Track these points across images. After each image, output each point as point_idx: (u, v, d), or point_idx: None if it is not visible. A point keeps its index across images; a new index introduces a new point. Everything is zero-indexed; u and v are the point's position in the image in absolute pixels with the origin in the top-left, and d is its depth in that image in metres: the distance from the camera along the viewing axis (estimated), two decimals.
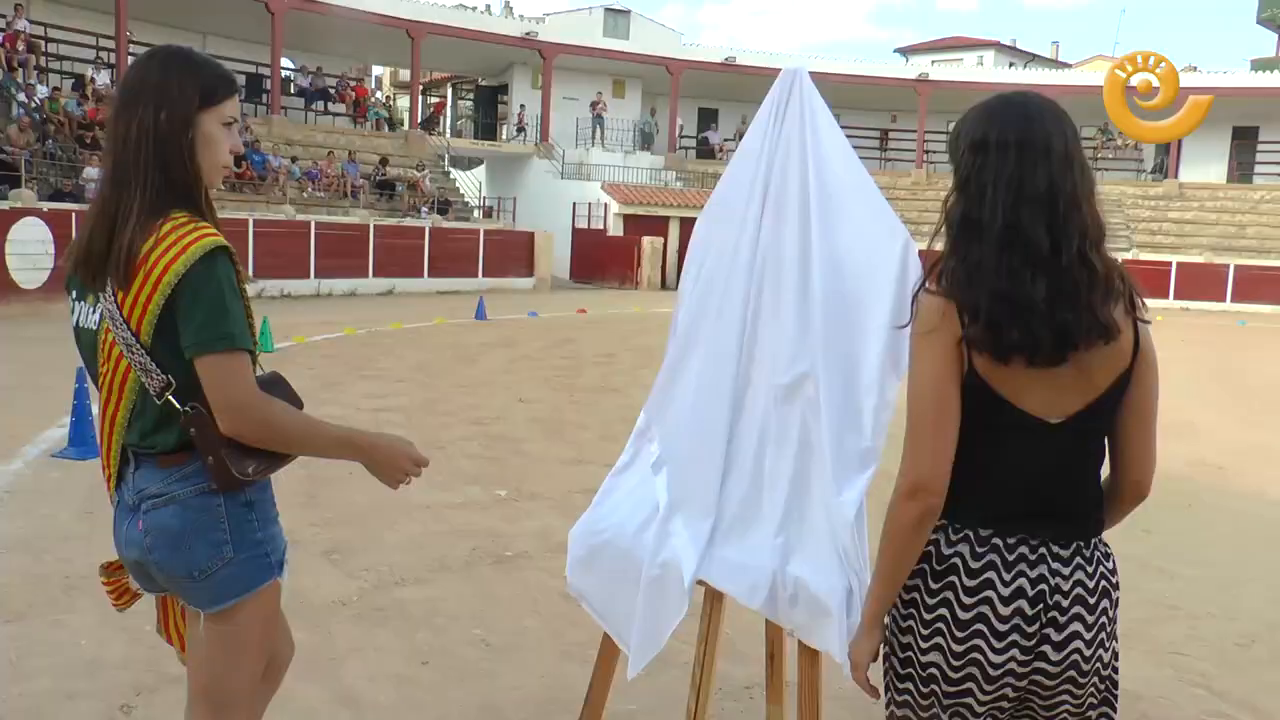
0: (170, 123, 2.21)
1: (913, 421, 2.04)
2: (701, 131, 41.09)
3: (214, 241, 2.19)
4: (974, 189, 2.04)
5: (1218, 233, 36.46)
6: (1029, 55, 58.82)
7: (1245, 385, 15.39)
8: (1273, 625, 5.40)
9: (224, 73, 2.34)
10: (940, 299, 2.02)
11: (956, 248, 2.05)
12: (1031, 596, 2.03)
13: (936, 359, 2.01)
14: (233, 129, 2.32)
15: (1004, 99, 2.10)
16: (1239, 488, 8.69)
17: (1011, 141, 2.01)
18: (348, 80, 33.46)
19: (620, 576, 2.85)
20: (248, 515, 2.31)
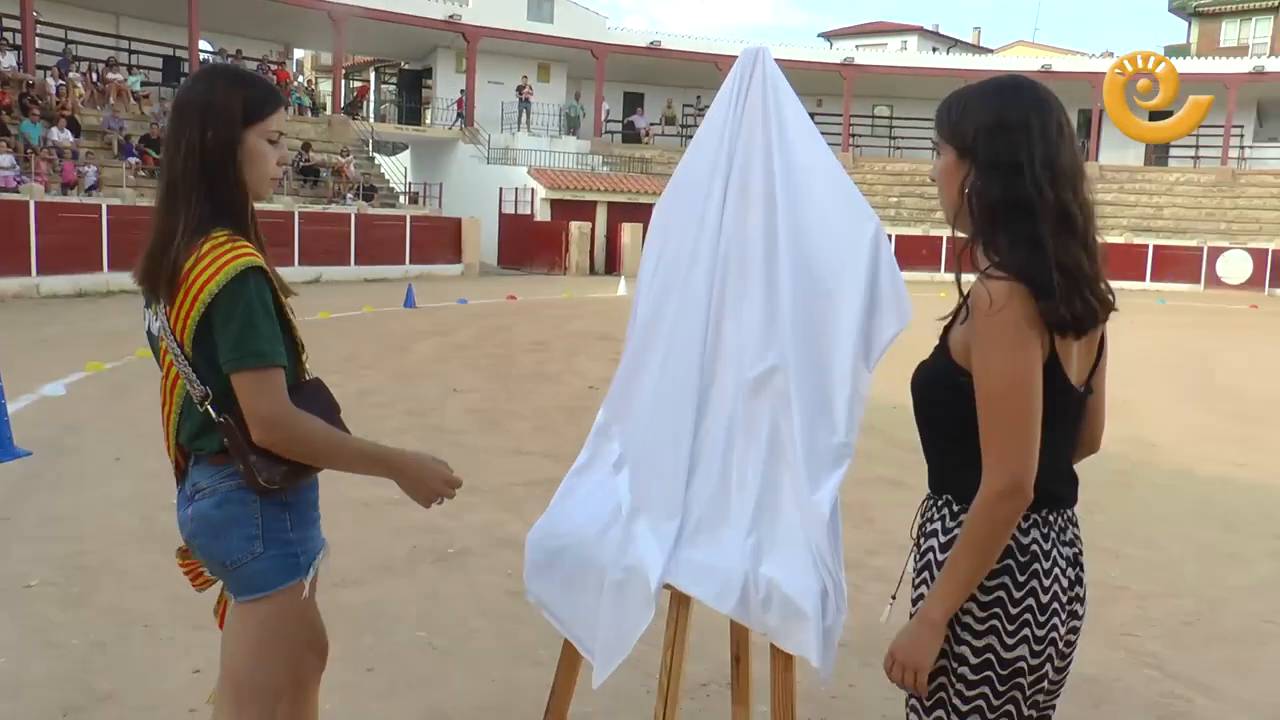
0: (216, 141, 2.30)
1: (1005, 416, 1.98)
2: (627, 116, 40.92)
3: (247, 262, 2.27)
4: (1006, 169, 2.04)
5: (1136, 214, 37.22)
6: (951, 40, 59.47)
7: (1172, 363, 15.67)
8: (1213, 602, 5.45)
9: (267, 88, 2.42)
10: (1007, 282, 1.98)
11: (1005, 228, 2.05)
12: (1073, 562, 2.15)
13: (1024, 346, 1.97)
14: (280, 142, 2.41)
15: (1006, 81, 2.13)
16: (1171, 464, 8.80)
17: (1035, 122, 2.05)
18: (268, 64, 32.71)
19: (582, 582, 2.73)
20: (280, 515, 2.40)
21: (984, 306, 1.97)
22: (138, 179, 24.00)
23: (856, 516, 6.66)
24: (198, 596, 4.88)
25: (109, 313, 17.30)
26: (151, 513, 6.25)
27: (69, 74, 25.43)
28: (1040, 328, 1.98)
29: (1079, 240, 2.04)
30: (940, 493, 2.18)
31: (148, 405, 9.65)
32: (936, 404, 2.15)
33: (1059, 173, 2.04)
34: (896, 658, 2.09)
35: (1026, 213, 2.02)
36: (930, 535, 2.17)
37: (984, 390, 1.99)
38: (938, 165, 2.19)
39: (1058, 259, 1.99)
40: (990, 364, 1.98)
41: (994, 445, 1.99)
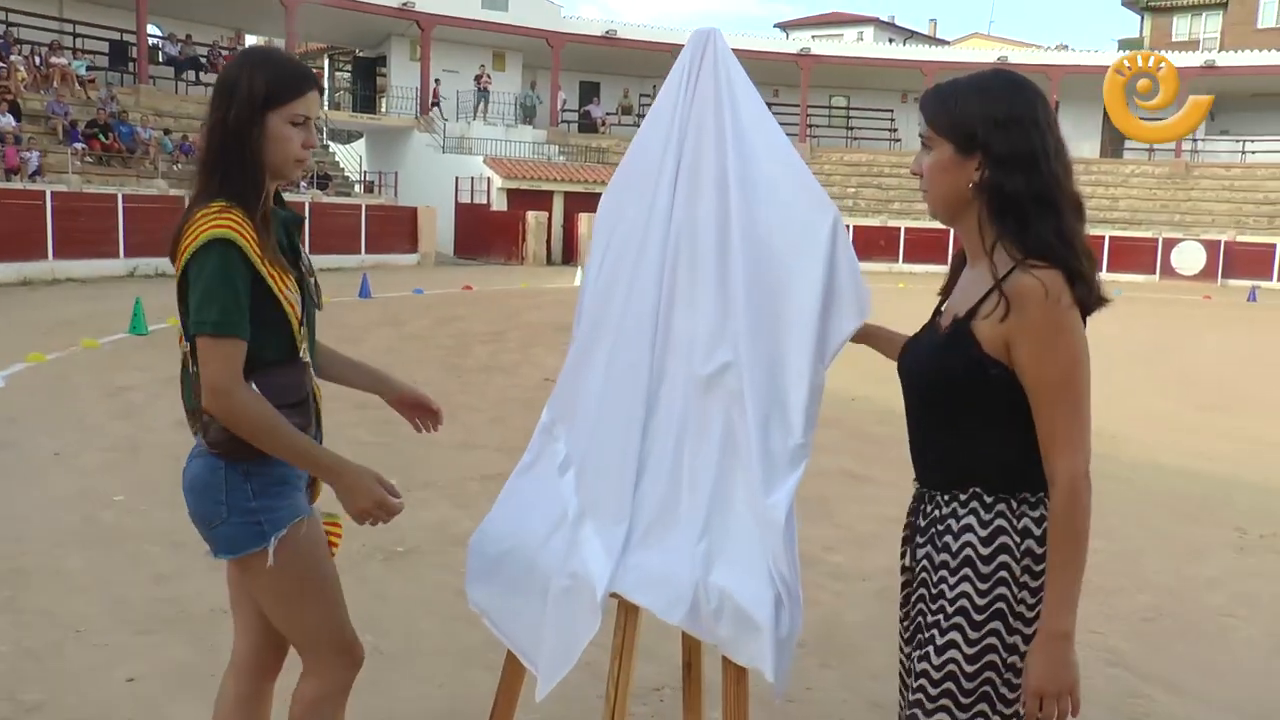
0: (237, 122, 2.37)
1: (1071, 402, 2.02)
2: (584, 105, 40.66)
3: (220, 233, 2.32)
4: (1024, 162, 2.06)
5: (1093, 205, 37.36)
6: (908, 32, 59.69)
7: (1129, 353, 15.73)
8: (1175, 593, 5.42)
9: (295, 72, 2.45)
10: (1052, 270, 2.02)
11: (1034, 219, 2.06)
12: None
13: (1080, 331, 2.03)
14: (307, 125, 2.45)
15: (1003, 76, 2.14)
16: (1131, 455, 8.78)
17: (1042, 115, 2.09)
18: (219, 49, 32.19)
19: (526, 589, 2.58)
20: (242, 484, 2.43)
21: (1039, 297, 1.99)
22: (84, 165, 23.51)
23: (815, 511, 6.56)
24: (139, 600, 4.75)
25: (53, 301, 16.93)
26: (93, 511, 6.04)
27: (10, 57, 24.86)
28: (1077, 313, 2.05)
29: (1083, 228, 2.11)
30: (964, 486, 2.13)
31: (90, 398, 9.46)
32: (963, 397, 2.10)
33: (1067, 165, 2.10)
34: (1045, 690, 2.01)
35: (1049, 204, 2.06)
36: (963, 532, 2.11)
37: (1048, 379, 2.01)
38: (927, 160, 2.16)
39: (1084, 247, 2.06)
40: (1056, 352, 2.00)
41: (1063, 432, 2.01)
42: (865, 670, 4.34)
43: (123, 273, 21.86)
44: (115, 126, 25.00)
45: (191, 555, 5.32)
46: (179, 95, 29.91)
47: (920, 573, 2.21)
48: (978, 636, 2.08)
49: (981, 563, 2.08)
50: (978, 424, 2.10)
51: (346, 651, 2.67)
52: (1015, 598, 2.06)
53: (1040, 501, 2.09)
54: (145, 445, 7.67)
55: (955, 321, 2.11)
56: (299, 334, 2.48)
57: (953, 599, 2.10)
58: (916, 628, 2.22)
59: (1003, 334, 2.03)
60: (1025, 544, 2.07)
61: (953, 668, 2.09)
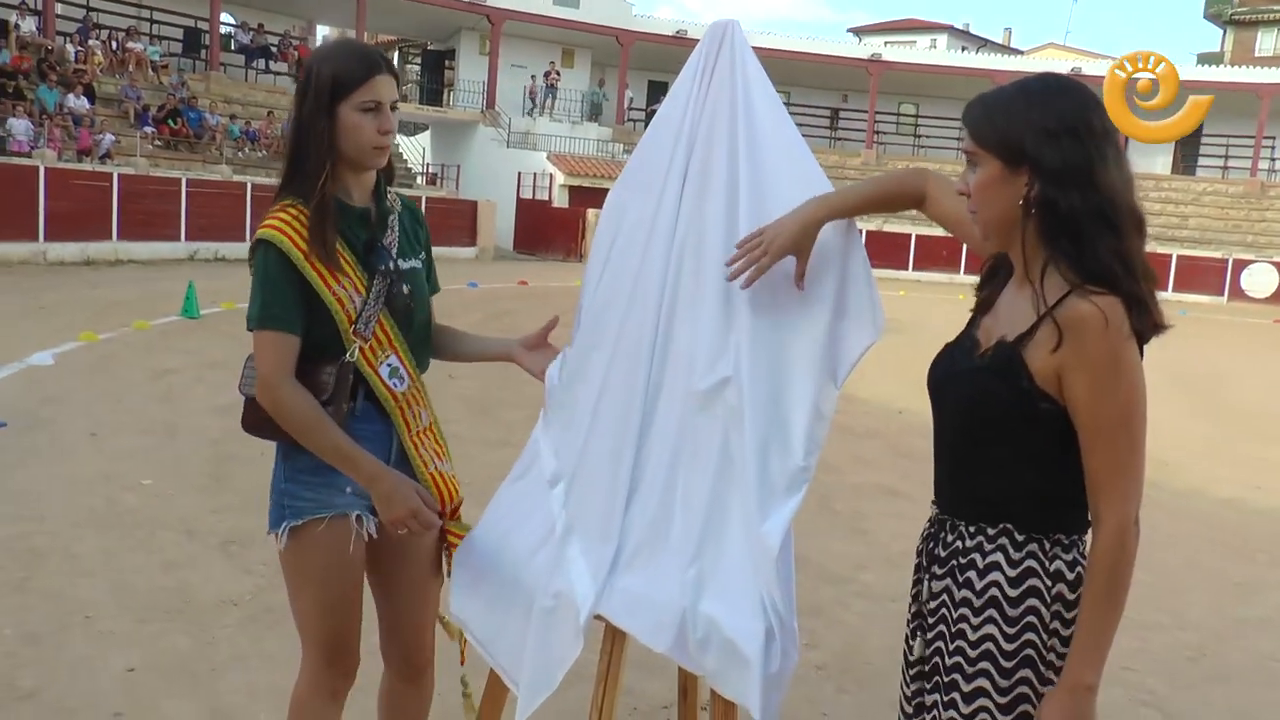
0: (311, 116, 2.41)
1: (1128, 444, 1.86)
2: (650, 104, 40.49)
3: (262, 233, 2.39)
4: (1078, 176, 1.86)
5: (1161, 223, 36.66)
6: (981, 40, 58.91)
7: (1188, 375, 15.30)
8: (1220, 635, 5.17)
9: (360, 59, 2.43)
10: (1111, 297, 1.84)
11: (1089, 240, 1.87)
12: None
13: (1139, 367, 1.86)
14: (380, 110, 2.43)
15: (1050, 81, 1.94)
16: (1182, 484, 8.48)
17: (1096, 123, 1.89)
18: (290, 39, 32.55)
19: (509, 605, 2.46)
20: (281, 465, 2.54)
21: (1098, 327, 1.82)
22: (153, 149, 23.83)
23: (849, 527, 6.39)
24: (146, 587, 4.70)
25: (113, 281, 17.15)
26: (116, 493, 6.02)
27: (88, 41, 25.29)
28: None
29: (1144, 246, 1.92)
30: (994, 521, 1.98)
31: (135, 379, 9.51)
32: (1005, 428, 1.94)
33: (1127, 176, 1.91)
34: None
35: (1108, 221, 1.87)
36: (989, 569, 1.97)
37: (1104, 417, 1.85)
38: (974, 177, 1.96)
39: (1144, 267, 1.88)
40: (1114, 389, 1.84)
41: (1116, 474, 1.86)
42: (885, 699, 4.16)
43: (183, 256, 22.13)
44: (184, 112, 25.33)
45: (203, 544, 5.29)
46: (248, 83, 30.28)
47: (939, 609, 2.06)
48: (1008, 685, 1.94)
49: (1009, 604, 1.94)
50: (1017, 457, 1.94)
51: (336, 658, 2.63)
52: (1045, 644, 1.93)
53: (1075, 544, 1.96)
54: (182, 430, 7.68)
55: (1003, 346, 1.94)
56: (346, 333, 2.44)
57: (975, 641, 1.97)
58: (934, 668, 2.07)
59: (1055, 365, 1.86)
60: (1056, 588, 1.93)
61: (985, 717, 1.96)
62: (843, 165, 38.26)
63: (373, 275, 2.48)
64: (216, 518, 5.71)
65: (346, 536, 2.52)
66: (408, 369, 2.57)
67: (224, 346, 11.42)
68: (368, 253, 2.50)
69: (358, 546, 2.54)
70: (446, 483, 2.68)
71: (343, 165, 2.46)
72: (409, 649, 2.80)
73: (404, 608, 2.76)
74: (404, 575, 2.71)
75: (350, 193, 2.51)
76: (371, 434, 2.52)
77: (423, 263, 2.67)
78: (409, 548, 2.66)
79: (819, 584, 5.28)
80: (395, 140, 2.56)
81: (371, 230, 2.52)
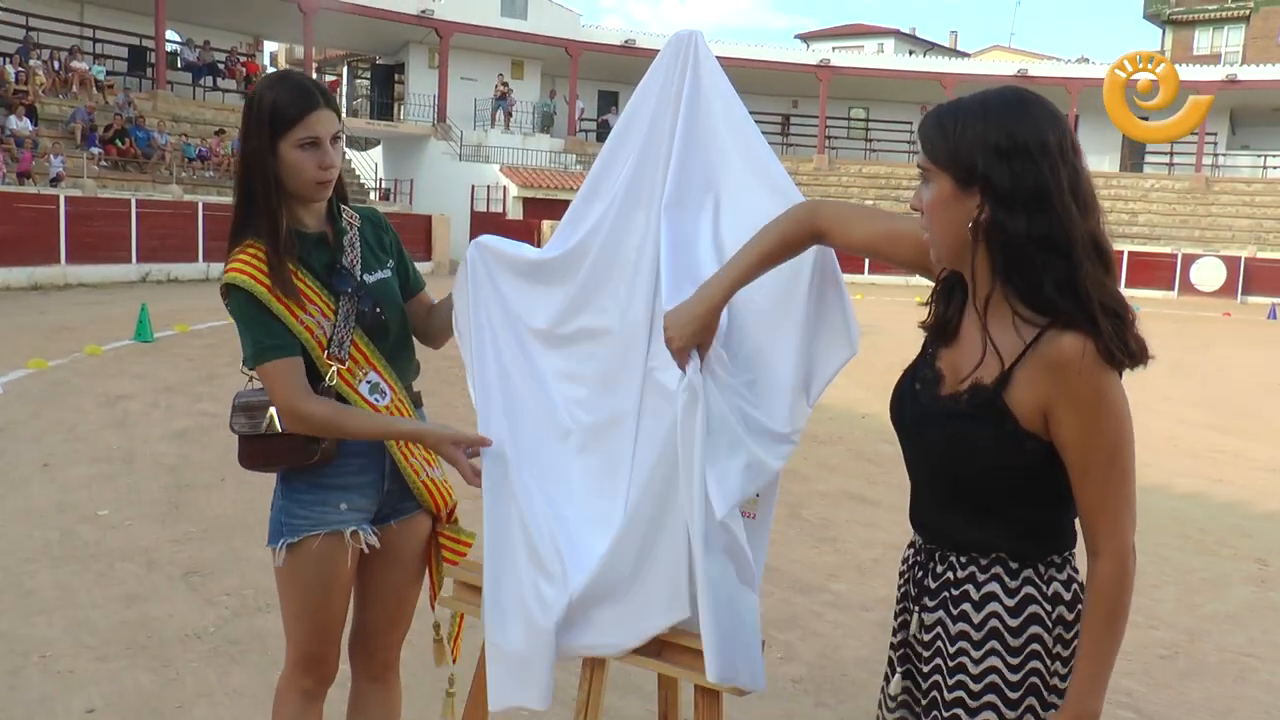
0: (255, 155, 2.46)
1: (1121, 474, 1.81)
2: (602, 114, 40.54)
3: (228, 278, 2.45)
4: (1029, 198, 1.77)
5: (1112, 219, 36.65)
6: (928, 44, 59.45)
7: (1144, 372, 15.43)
8: (1192, 633, 5.18)
9: (296, 95, 2.45)
10: (1084, 332, 1.78)
11: (1042, 268, 1.77)
12: None
13: (1122, 391, 1.82)
14: (319, 145, 2.46)
15: (1009, 95, 1.84)
16: (1143, 480, 8.47)
17: (1054, 141, 1.79)
18: (238, 55, 32.24)
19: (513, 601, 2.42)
20: (280, 487, 2.64)
21: (1077, 361, 1.76)
22: (100, 170, 23.49)
23: (818, 535, 6.36)
24: (105, 623, 4.57)
25: (62, 306, 16.85)
26: (71, 525, 5.87)
27: (29, 62, 24.88)
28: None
29: (1112, 276, 1.82)
30: (985, 552, 1.92)
31: (88, 406, 9.32)
32: (995, 473, 1.88)
33: (1082, 202, 1.78)
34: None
35: (1060, 250, 1.76)
36: (986, 600, 1.91)
37: (1095, 453, 1.80)
38: (925, 194, 1.87)
39: (1101, 300, 1.77)
40: (1101, 423, 1.79)
41: (1112, 505, 1.82)
42: (864, 710, 4.14)
43: (135, 278, 21.80)
44: (132, 132, 24.99)
45: (163, 575, 5.17)
46: (196, 101, 29.93)
47: (934, 641, 1.98)
48: (1014, 716, 1.89)
49: (1011, 635, 1.89)
50: (1005, 495, 1.89)
51: (313, 665, 2.72)
52: (1049, 670, 1.89)
53: (1066, 561, 1.93)
54: (138, 457, 7.52)
55: (980, 389, 1.85)
56: (320, 359, 2.51)
57: (978, 675, 1.91)
58: (931, 701, 1.99)
59: (1039, 404, 1.81)
60: (1057, 611, 1.89)
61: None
62: (795, 171, 38.45)
63: (338, 298, 2.53)
64: (176, 547, 5.58)
65: (338, 552, 2.61)
66: (388, 382, 2.62)
67: (179, 370, 11.25)
68: (329, 276, 2.55)
69: (350, 563, 2.64)
70: (439, 489, 2.73)
71: (291, 199, 2.51)
72: (377, 647, 2.88)
73: (382, 611, 2.82)
74: (389, 580, 2.78)
75: (304, 221, 2.57)
76: (361, 449, 2.60)
77: (392, 270, 2.71)
78: (397, 553, 2.74)
79: (791, 594, 5.24)
80: (339, 168, 2.55)
81: (330, 253, 2.57)
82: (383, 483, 2.66)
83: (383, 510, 2.69)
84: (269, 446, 2.57)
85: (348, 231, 2.62)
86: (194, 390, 10.21)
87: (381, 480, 2.65)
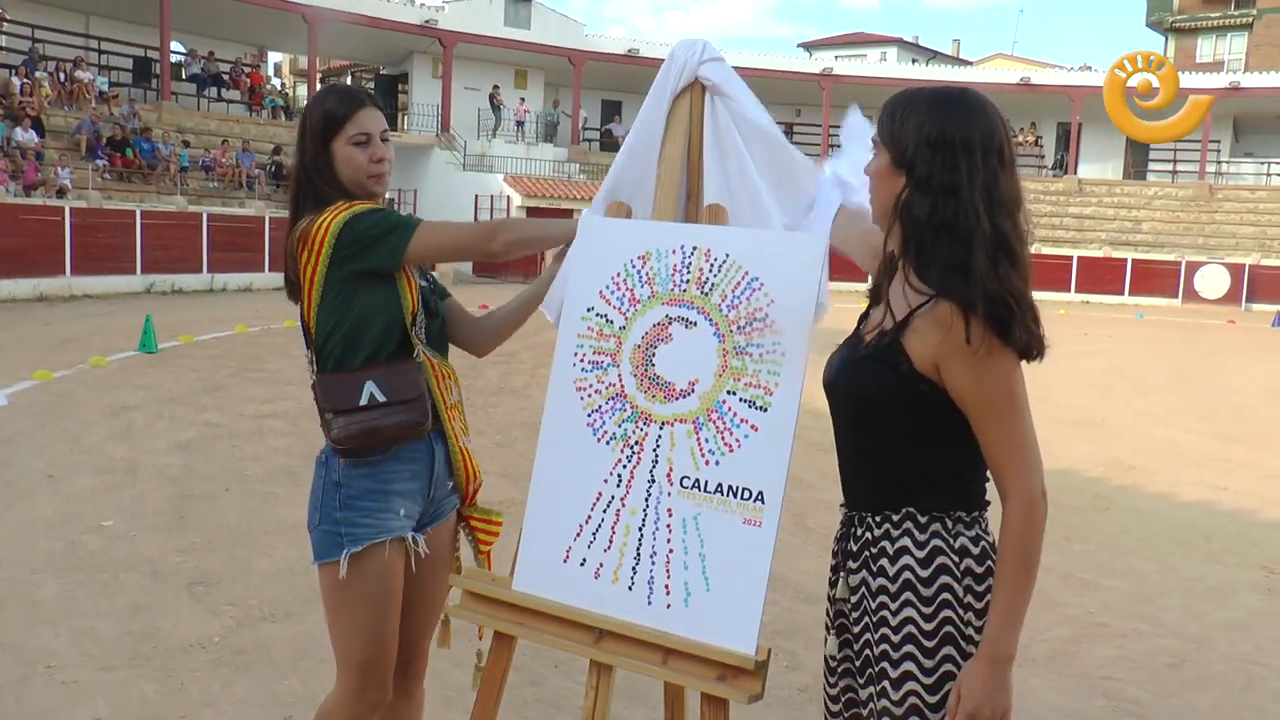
0: (313, 157, 2.65)
1: (1018, 415, 1.95)
2: (605, 124, 40.61)
3: (359, 207, 2.60)
4: (940, 190, 1.97)
5: (1115, 227, 37.15)
6: (931, 52, 59.41)
7: (1148, 379, 15.45)
8: (1199, 641, 5.16)
9: (342, 98, 2.67)
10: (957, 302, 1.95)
11: (934, 250, 1.98)
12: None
13: (1004, 350, 1.95)
14: (370, 141, 2.65)
15: (955, 95, 2.04)
16: (1149, 489, 8.52)
17: (977, 144, 1.98)
18: (242, 66, 32.31)
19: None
20: (334, 494, 2.60)
21: (959, 321, 1.92)
22: (105, 181, 23.54)
23: (822, 544, 6.31)
24: (110, 633, 4.57)
25: (67, 318, 16.87)
26: (76, 536, 5.87)
27: (35, 73, 24.95)
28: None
29: (1020, 272, 1.97)
30: (896, 507, 2.06)
31: (93, 418, 9.32)
32: (892, 413, 2.03)
33: (997, 201, 1.97)
34: (980, 714, 1.93)
35: (960, 239, 1.95)
36: (899, 554, 2.04)
37: (987, 398, 1.95)
38: (873, 164, 2.11)
39: (986, 288, 1.92)
40: (990, 372, 1.94)
41: (1015, 449, 1.95)
42: None
43: (139, 289, 21.81)
44: (136, 143, 25.05)
45: (170, 585, 5.17)
46: (201, 112, 29.97)
47: (861, 602, 2.11)
48: (932, 664, 2.00)
49: (922, 585, 2.02)
50: (907, 441, 2.04)
51: (371, 684, 2.67)
52: (962, 619, 2.01)
53: (975, 520, 2.06)
54: (142, 468, 7.52)
55: (882, 334, 2.03)
56: (408, 323, 2.63)
57: (897, 626, 2.03)
58: (865, 660, 2.10)
59: (931, 355, 1.97)
60: (964, 563, 2.02)
61: (915, 700, 2.00)
62: None
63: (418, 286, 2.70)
64: (181, 558, 5.59)
65: (399, 559, 2.64)
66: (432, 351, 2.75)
67: (183, 381, 11.26)
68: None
69: (406, 567, 2.66)
70: (470, 460, 2.80)
71: (349, 196, 2.64)
72: (411, 657, 2.84)
73: (416, 619, 2.81)
74: (425, 588, 2.78)
75: None
76: (415, 455, 2.66)
77: (430, 281, 2.83)
78: (435, 560, 2.76)
79: (796, 603, 5.23)
80: (392, 163, 2.72)
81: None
82: (429, 489, 2.71)
83: (423, 518, 2.73)
84: (377, 421, 2.55)
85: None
86: (198, 401, 10.21)
87: (429, 487, 2.70)
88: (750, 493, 2.26)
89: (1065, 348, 2.70)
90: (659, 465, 2.35)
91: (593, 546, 2.39)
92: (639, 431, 2.38)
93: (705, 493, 2.29)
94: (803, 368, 2.25)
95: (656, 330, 2.39)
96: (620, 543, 2.36)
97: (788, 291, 2.27)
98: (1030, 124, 39.94)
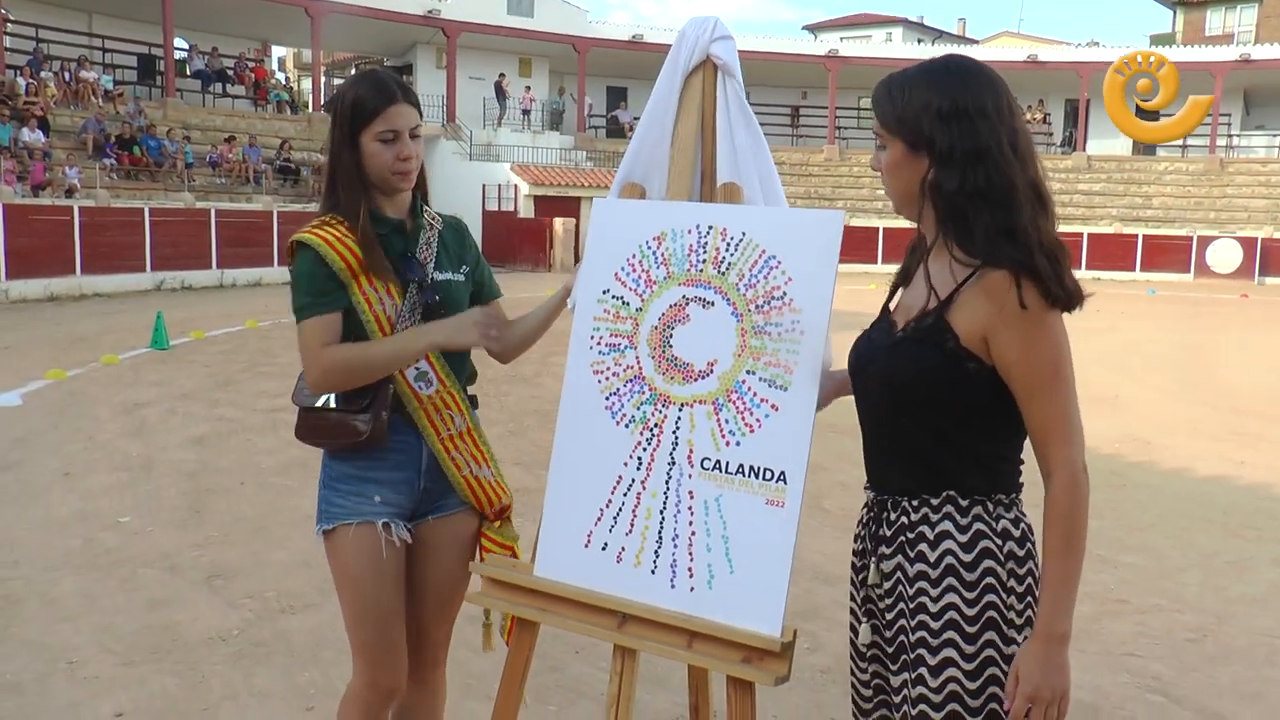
0: (339, 147, 2.61)
1: (1065, 389, 1.94)
2: (611, 110, 40.52)
3: (298, 237, 2.57)
4: (968, 157, 1.94)
5: (1126, 204, 36.99)
6: (936, 32, 59.16)
7: (1163, 354, 15.39)
8: (1220, 616, 5.13)
9: (373, 92, 2.58)
10: (1012, 270, 1.92)
11: (975, 218, 1.94)
12: None
13: (1058, 319, 1.94)
14: (398, 139, 2.59)
15: (950, 63, 2.02)
16: (1166, 464, 8.49)
17: (990, 104, 1.97)
18: (246, 61, 32.30)
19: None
20: (323, 472, 2.69)
21: (1012, 290, 1.89)
22: (113, 180, 23.56)
23: (841, 525, 6.32)
24: (130, 628, 4.58)
25: (78, 317, 16.91)
26: (94, 533, 5.88)
27: (40, 73, 24.98)
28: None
29: (1051, 219, 1.98)
30: (935, 491, 2.01)
31: (106, 415, 9.34)
32: (936, 394, 1.98)
33: (1022, 153, 1.96)
34: (1040, 696, 1.89)
35: (998, 201, 1.93)
36: (940, 539, 1.99)
37: (1036, 369, 1.92)
38: (882, 158, 2.07)
39: (1039, 240, 1.92)
40: (1040, 341, 1.91)
41: (1059, 422, 1.93)
42: None
43: (149, 287, 21.85)
44: (143, 140, 25.07)
45: (186, 580, 5.18)
46: (206, 108, 29.99)
47: (896, 588, 2.06)
48: (974, 650, 1.96)
49: (966, 570, 1.97)
50: (950, 423, 2.00)
51: (376, 674, 2.66)
52: (1005, 604, 1.97)
53: (1014, 503, 2.03)
54: (157, 464, 7.54)
55: (925, 314, 2.00)
56: (376, 335, 2.58)
57: (938, 612, 1.98)
58: (899, 647, 2.06)
59: (980, 328, 1.94)
60: (1007, 546, 1.99)
61: (954, 687, 1.96)
62: (806, 162, 38.43)
63: (405, 285, 2.61)
64: (198, 552, 5.59)
65: (375, 543, 2.61)
66: (438, 374, 2.67)
67: (195, 377, 11.28)
68: (401, 262, 2.63)
69: (390, 555, 2.63)
70: (485, 487, 2.75)
71: (374, 189, 2.63)
72: (421, 645, 2.82)
73: (426, 607, 2.80)
74: (430, 576, 2.77)
75: (385, 210, 2.67)
76: (402, 444, 2.64)
77: (465, 276, 2.77)
78: (438, 550, 2.75)
79: (815, 585, 5.22)
80: (419, 160, 2.66)
81: (406, 243, 2.67)
82: (419, 480, 2.68)
83: (420, 507, 2.71)
84: (321, 421, 2.62)
85: (426, 229, 2.72)
86: (211, 396, 10.23)
87: (418, 478, 2.68)
88: (772, 473, 2.24)
89: (1078, 324, 2.69)
90: (679, 447, 2.33)
91: (614, 531, 2.38)
92: (658, 414, 2.36)
93: (726, 474, 2.28)
94: (822, 346, 2.22)
95: (674, 311, 2.37)
96: (641, 526, 2.35)
97: (806, 269, 2.24)
98: (1038, 101, 39.74)
